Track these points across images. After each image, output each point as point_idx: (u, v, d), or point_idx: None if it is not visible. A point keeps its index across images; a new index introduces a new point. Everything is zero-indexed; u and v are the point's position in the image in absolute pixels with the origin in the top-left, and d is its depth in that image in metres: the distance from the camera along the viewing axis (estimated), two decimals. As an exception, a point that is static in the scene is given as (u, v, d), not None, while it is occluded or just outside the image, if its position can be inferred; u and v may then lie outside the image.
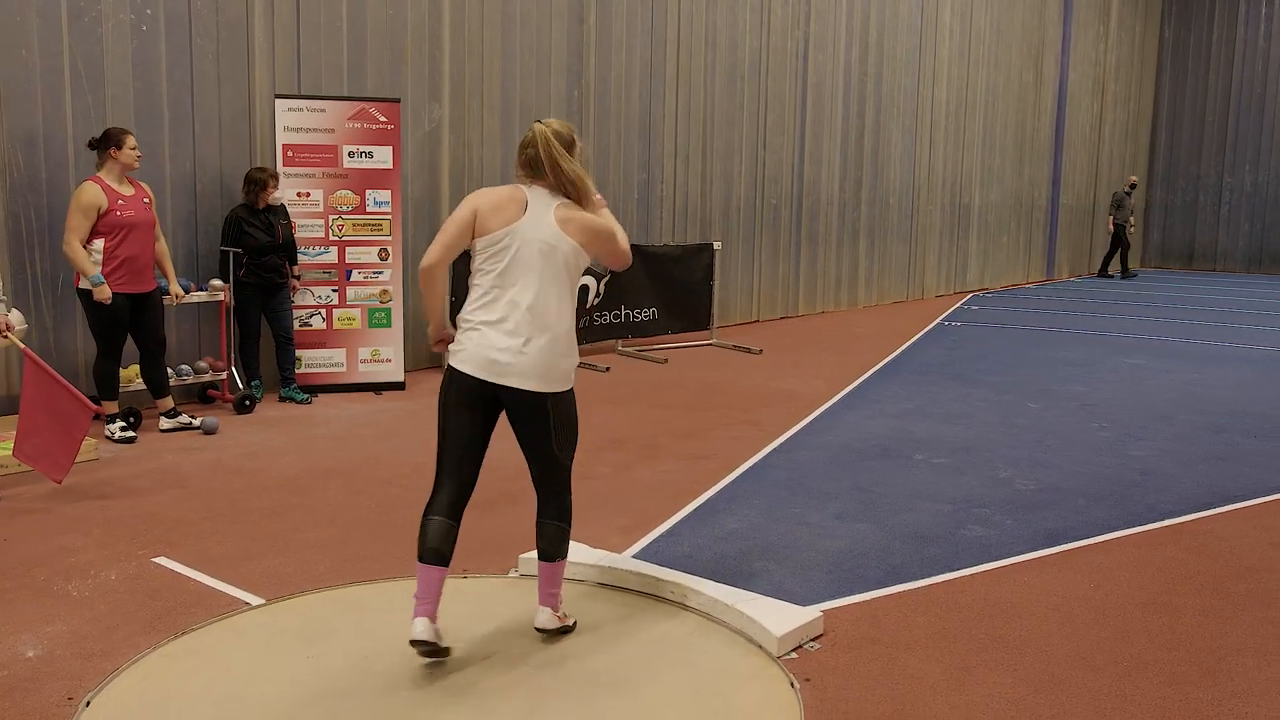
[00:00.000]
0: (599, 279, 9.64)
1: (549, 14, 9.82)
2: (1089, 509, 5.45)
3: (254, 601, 4.08)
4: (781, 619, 3.78)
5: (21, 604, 4.03)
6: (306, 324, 8.01)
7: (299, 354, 7.94)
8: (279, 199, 7.62)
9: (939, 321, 13.10)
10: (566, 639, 3.76)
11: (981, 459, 6.40)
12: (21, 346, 5.57)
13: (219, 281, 7.48)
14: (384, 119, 8.07)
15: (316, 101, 7.91)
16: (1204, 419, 7.63)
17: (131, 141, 6.33)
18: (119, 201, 6.27)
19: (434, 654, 3.50)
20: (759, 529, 5.02)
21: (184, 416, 6.79)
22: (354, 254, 8.10)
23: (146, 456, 6.19)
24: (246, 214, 7.43)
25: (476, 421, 3.57)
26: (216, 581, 4.27)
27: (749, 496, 5.55)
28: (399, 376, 8.28)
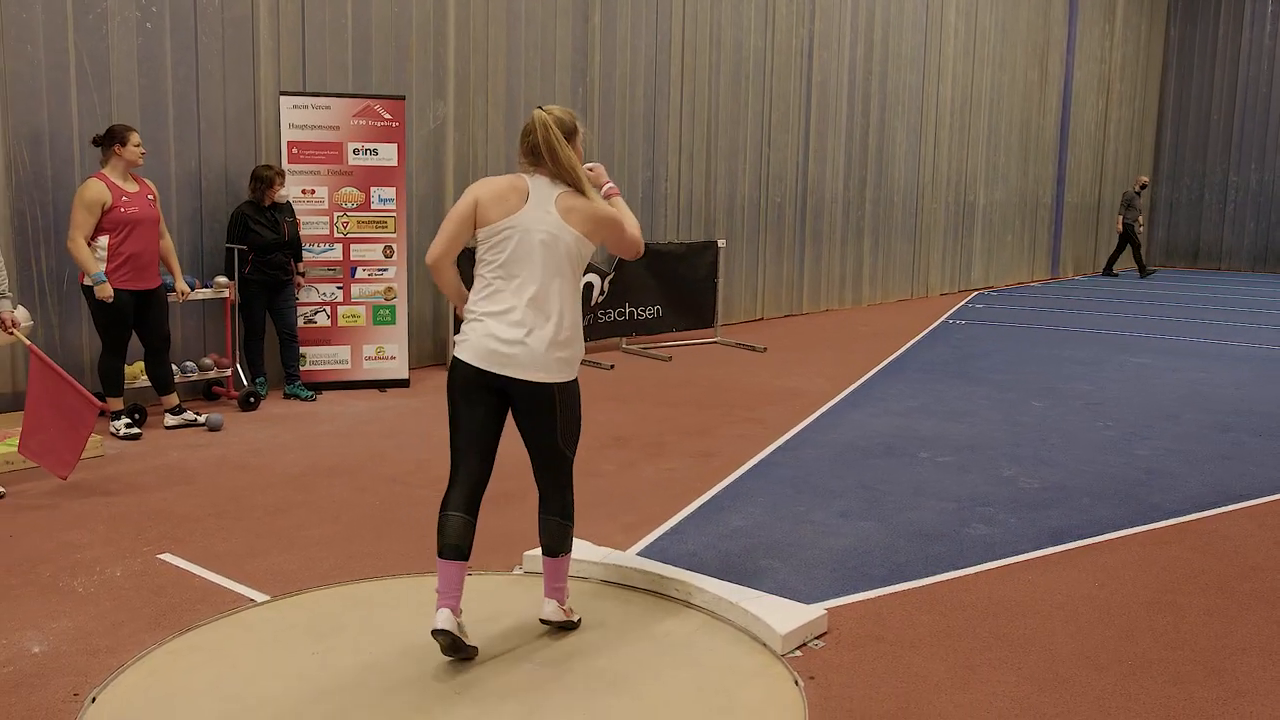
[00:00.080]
0: (603, 277, 9.64)
1: (554, 11, 9.82)
2: (1093, 508, 5.45)
3: (259, 598, 4.09)
4: (786, 617, 3.78)
5: (27, 600, 4.04)
6: (311, 321, 8.02)
7: (303, 351, 7.95)
8: (285, 196, 7.62)
9: (943, 320, 13.09)
10: (571, 636, 3.76)
11: (986, 457, 6.40)
12: (27, 343, 5.58)
13: (224, 278, 7.49)
14: (389, 116, 8.08)
15: (321, 99, 7.91)
16: (1209, 418, 7.62)
17: (135, 138, 6.34)
18: (123, 198, 6.28)
19: (457, 648, 3.47)
20: (763, 527, 5.02)
21: (189, 413, 6.80)
22: (359, 251, 8.11)
23: (151, 453, 6.20)
24: (252, 211, 7.44)
25: (483, 413, 3.56)
26: (221, 578, 4.28)
27: (753, 494, 5.55)
28: (403, 373, 8.28)
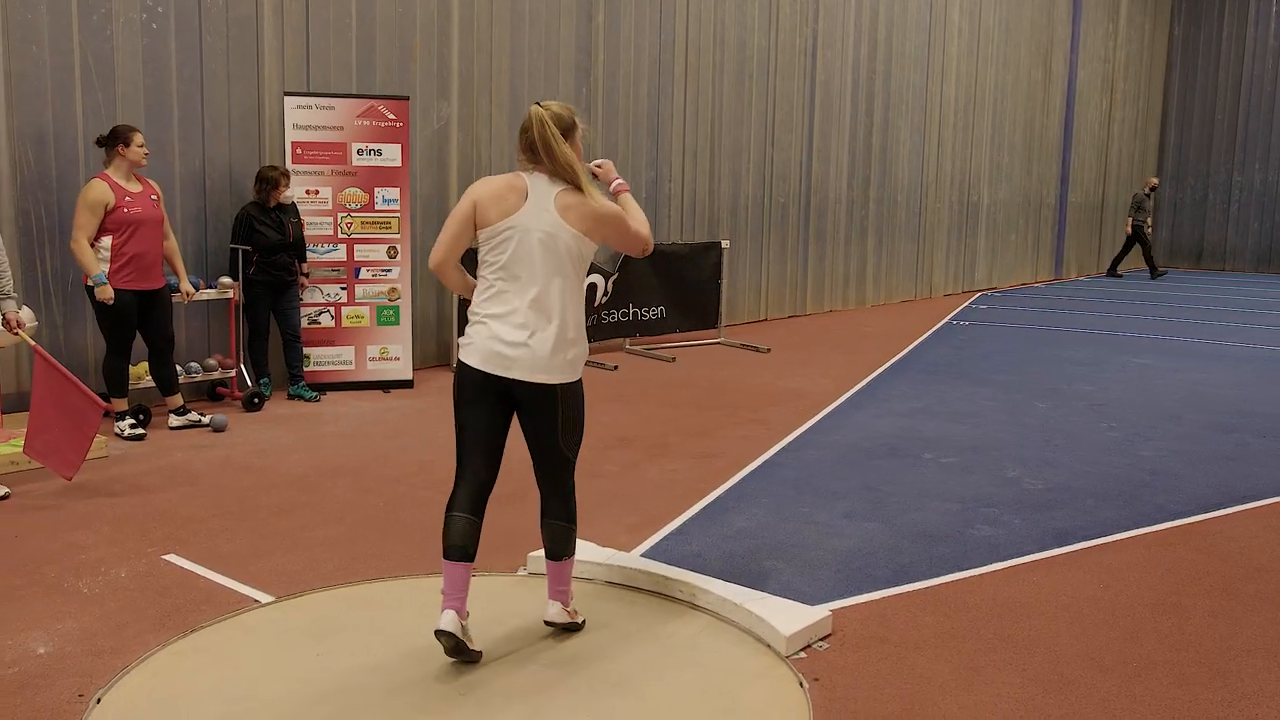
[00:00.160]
0: (607, 278, 9.63)
1: (558, 11, 9.82)
2: (1098, 509, 5.44)
3: (263, 599, 4.09)
4: (790, 618, 3.78)
5: (32, 601, 4.05)
6: (315, 322, 8.02)
7: (307, 352, 7.95)
8: (289, 197, 7.63)
9: (947, 320, 13.07)
10: (574, 638, 3.76)
11: (990, 458, 6.39)
12: (31, 344, 5.59)
13: (228, 279, 7.50)
14: (393, 116, 8.08)
15: (325, 99, 7.92)
16: (1213, 419, 7.61)
17: (139, 139, 6.34)
18: (126, 198, 6.29)
19: (460, 650, 3.47)
20: (767, 528, 5.02)
21: (193, 414, 6.81)
22: (362, 252, 8.11)
23: (156, 454, 6.21)
24: (257, 212, 7.44)
25: (489, 414, 3.55)
26: (226, 579, 4.29)
27: (757, 495, 5.55)
28: (407, 374, 8.29)
